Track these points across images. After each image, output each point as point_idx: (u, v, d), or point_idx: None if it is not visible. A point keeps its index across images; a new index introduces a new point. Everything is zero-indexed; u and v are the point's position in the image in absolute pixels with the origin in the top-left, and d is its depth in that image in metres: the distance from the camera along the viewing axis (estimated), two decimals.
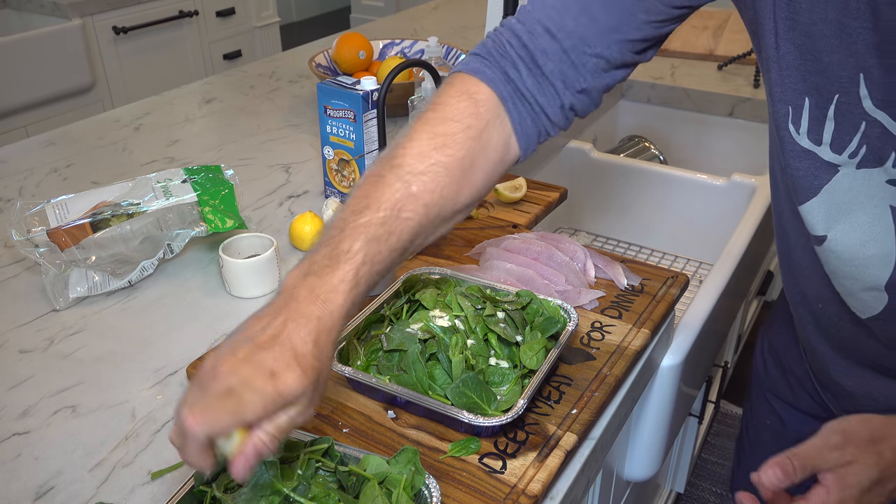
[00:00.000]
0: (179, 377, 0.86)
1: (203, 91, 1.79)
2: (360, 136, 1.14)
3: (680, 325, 1.09)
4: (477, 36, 2.17)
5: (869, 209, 0.70)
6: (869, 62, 0.64)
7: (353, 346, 0.81)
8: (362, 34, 1.71)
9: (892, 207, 0.69)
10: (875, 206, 0.69)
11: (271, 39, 3.40)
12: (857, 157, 0.68)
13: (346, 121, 1.14)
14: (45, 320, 0.97)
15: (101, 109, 2.68)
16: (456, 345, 0.78)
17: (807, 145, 0.71)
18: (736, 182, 1.51)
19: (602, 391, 0.81)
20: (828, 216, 0.73)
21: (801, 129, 0.71)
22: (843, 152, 0.69)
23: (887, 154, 0.66)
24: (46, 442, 0.78)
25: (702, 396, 1.47)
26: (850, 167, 0.69)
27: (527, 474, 0.70)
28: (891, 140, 0.66)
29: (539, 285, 0.95)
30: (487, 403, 0.73)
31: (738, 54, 1.88)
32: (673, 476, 1.65)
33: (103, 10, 2.64)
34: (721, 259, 1.25)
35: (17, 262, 1.09)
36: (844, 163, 0.69)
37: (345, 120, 1.14)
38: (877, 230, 0.70)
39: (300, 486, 0.62)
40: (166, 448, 0.77)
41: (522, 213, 1.18)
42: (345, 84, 1.13)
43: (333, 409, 0.78)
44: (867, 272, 0.73)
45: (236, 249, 1.03)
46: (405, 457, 0.66)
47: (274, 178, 1.35)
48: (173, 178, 1.08)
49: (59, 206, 1.02)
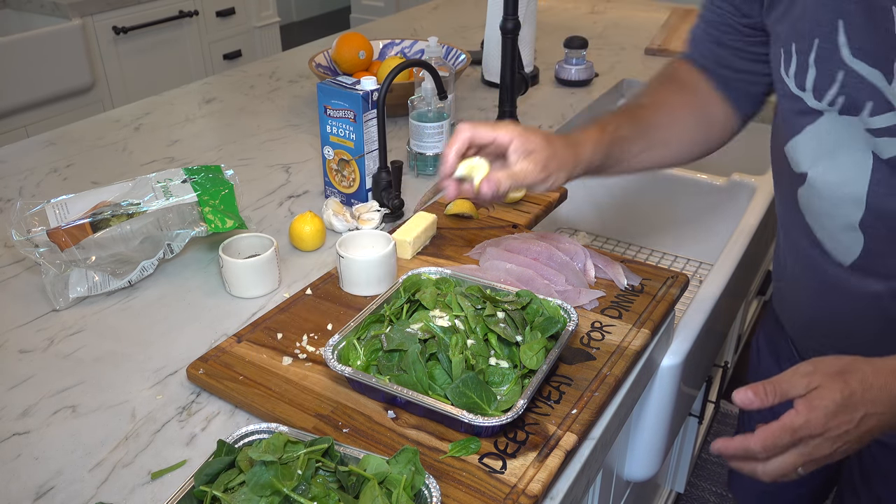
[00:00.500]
0: (179, 377, 0.86)
1: (203, 91, 1.79)
2: (360, 136, 1.14)
3: (680, 325, 1.09)
4: (477, 36, 2.17)
5: (851, 152, 0.74)
6: (847, 7, 0.68)
7: (352, 346, 0.82)
8: (362, 34, 1.71)
9: (873, 154, 0.72)
10: (857, 150, 0.73)
11: (271, 39, 3.40)
12: (836, 105, 0.72)
13: (346, 121, 1.14)
14: (45, 320, 0.97)
15: (101, 109, 2.68)
16: (456, 345, 0.78)
17: (794, 90, 0.76)
18: (736, 182, 1.51)
19: (602, 391, 0.81)
20: (811, 155, 0.77)
21: (790, 72, 0.76)
22: (823, 100, 0.73)
23: (863, 104, 0.70)
24: (46, 442, 0.78)
25: (702, 396, 1.47)
26: (833, 113, 0.73)
27: (527, 474, 0.70)
28: (867, 90, 0.69)
29: (539, 285, 0.95)
30: (487, 403, 0.73)
31: None
32: (673, 476, 1.65)
33: (103, 10, 2.64)
34: (721, 259, 1.25)
35: (17, 262, 1.09)
36: (826, 109, 0.73)
37: (345, 120, 1.14)
38: (854, 172, 0.74)
39: (300, 486, 0.62)
40: (166, 448, 0.77)
41: (522, 213, 1.18)
42: (345, 84, 1.13)
43: (333, 409, 0.78)
44: (842, 211, 0.77)
45: (236, 249, 1.03)
46: (405, 457, 0.66)
47: (274, 178, 1.35)
48: (173, 178, 1.08)
49: (59, 206, 1.02)
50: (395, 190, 1.19)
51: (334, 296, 0.97)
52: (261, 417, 0.79)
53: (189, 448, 0.77)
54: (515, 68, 1.45)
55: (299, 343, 0.88)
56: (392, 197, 1.18)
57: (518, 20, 1.40)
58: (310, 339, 0.89)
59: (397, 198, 1.18)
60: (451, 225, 1.14)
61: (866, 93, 0.70)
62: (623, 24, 2.30)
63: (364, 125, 1.13)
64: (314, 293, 0.98)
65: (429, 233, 1.08)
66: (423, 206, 1.05)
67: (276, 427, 0.70)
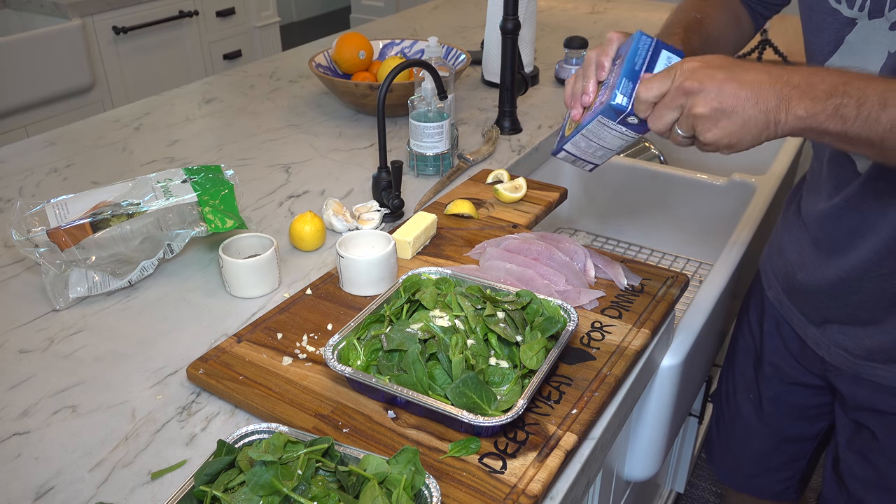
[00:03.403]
0: (179, 377, 0.86)
1: (203, 91, 1.79)
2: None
3: (680, 325, 1.09)
4: (477, 36, 2.17)
5: (878, 58, 0.80)
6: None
7: (352, 346, 0.82)
8: (362, 34, 1.71)
9: (889, 53, 0.79)
10: (880, 53, 0.80)
11: (271, 39, 3.40)
12: (865, 9, 0.80)
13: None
14: (45, 320, 0.97)
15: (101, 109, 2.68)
16: (456, 345, 0.78)
17: (833, 4, 0.83)
18: (736, 182, 1.51)
19: (602, 391, 0.81)
20: (847, 66, 0.82)
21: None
22: (854, 6, 0.81)
23: (885, 1, 0.78)
24: (46, 442, 0.78)
25: (702, 396, 1.47)
26: (864, 19, 0.80)
27: (527, 474, 0.70)
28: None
29: (539, 285, 0.95)
30: (487, 403, 0.73)
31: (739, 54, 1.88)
32: (673, 476, 1.66)
33: (103, 10, 2.64)
34: (721, 259, 1.25)
35: (17, 262, 1.09)
36: (859, 16, 0.81)
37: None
38: (874, 73, 0.80)
39: (300, 486, 0.62)
40: (166, 448, 0.77)
41: (522, 213, 1.18)
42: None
43: (333, 409, 0.78)
44: None
45: (236, 249, 1.03)
46: (405, 457, 0.66)
47: (274, 178, 1.35)
48: (173, 178, 1.08)
49: (59, 206, 1.02)
50: (395, 190, 1.19)
51: (334, 296, 0.97)
52: (261, 417, 0.79)
53: (189, 448, 0.77)
54: (515, 68, 1.46)
55: (299, 343, 0.88)
56: (392, 197, 1.18)
57: (518, 20, 1.40)
58: (310, 339, 0.89)
59: (397, 198, 1.18)
60: (451, 225, 1.14)
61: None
62: (623, 24, 2.30)
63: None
64: (314, 293, 0.98)
65: (429, 233, 1.08)
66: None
67: (276, 427, 0.70)
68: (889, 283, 0.89)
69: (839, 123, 0.68)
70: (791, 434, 1.18)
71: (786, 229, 1.08)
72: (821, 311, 1.01)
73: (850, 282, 0.93)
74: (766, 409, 1.18)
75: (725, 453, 1.29)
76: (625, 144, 0.85)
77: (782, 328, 1.11)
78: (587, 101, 0.85)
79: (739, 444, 1.25)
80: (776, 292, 1.10)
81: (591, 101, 0.85)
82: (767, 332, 1.14)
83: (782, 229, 1.10)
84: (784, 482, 1.24)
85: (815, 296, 1.00)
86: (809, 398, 1.13)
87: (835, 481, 1.08)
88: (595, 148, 0.87)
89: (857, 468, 1.03)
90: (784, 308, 1.09)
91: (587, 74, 0.85)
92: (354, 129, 1.55)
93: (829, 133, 0.69)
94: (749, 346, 1.19)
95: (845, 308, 0.96)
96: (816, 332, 1.03)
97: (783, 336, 1.11)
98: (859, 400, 1.00)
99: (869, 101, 0.67)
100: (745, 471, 1.26)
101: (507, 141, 1.49)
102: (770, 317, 1.13)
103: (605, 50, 0.85)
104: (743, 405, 1.22)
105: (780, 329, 1.12)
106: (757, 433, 1.21)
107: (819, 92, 0.68)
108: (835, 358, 1.00)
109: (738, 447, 1.26)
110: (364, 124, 1.57)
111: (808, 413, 1.15)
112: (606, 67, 0.84)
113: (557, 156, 0.92)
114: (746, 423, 1.22)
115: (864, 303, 0.93)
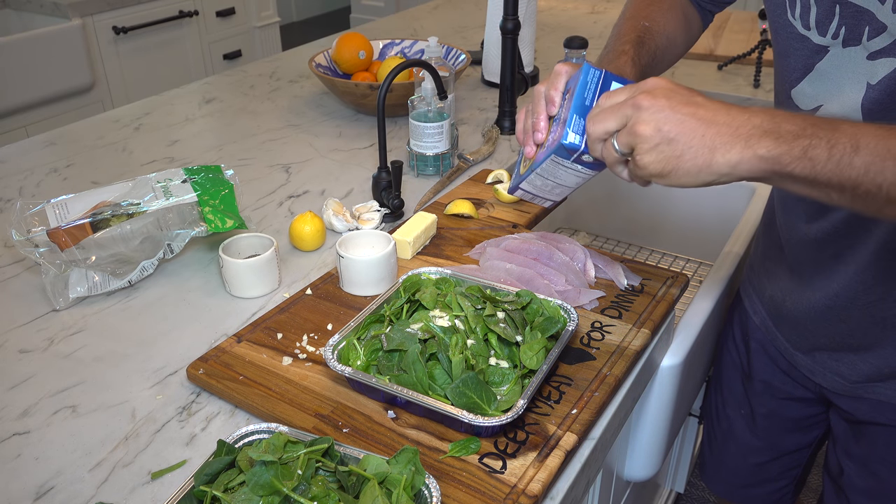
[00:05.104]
0: (179, 377, 0.86)
1: (203, 91, 1.79)
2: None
3: (680, 325, 1.09)
4: (477, 36, 2.17)
5: (855, 89, 0.77)
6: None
7: (352, 346, 0.81)
8: (362, 34, 1.71)
9: (868, 84, 0.76)
10: (857, 84, 0.77)
11: (271, 39, 3.40)
12: (840, 37, 0.76)
13: None
14: (45, 320, 0.97)
15: (101, 109, 2.68)
16: (456, 345, 0.78)
17: (801, 31, 0.80)
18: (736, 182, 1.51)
19: (602, 391, 0.81)
20: (817, 94, 0.81)
21: (796, 14, 0.80)
22: (828, 34, 0.77)
23: (862, 30, 0.74)
24: (46, 442, 0.78)
25: (702, 396, 1.47)
26: (837, 47, 0.77)
27: (527, 474, 0.70)
28: (862, 16, 0.73)
29: (539, 285, 0.95)
30: (487, 403, 0.73)
31: (738, 54, 1.88)
32: (673, 476, 1.65)
33: (103, 10, 2.64)
34: (721, 259, 1.25)
35: (17, 262, 1.09)
36: (831, 44, 0.77)
37: None
38: (854, 105, 0.78)
39: (300, 486, 0.62)
40: (166, 448, 0.77)
41: (522, 213, 1.18)
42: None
43: (333, 409, 0.78)
44: None
45: (236, 249, 1.03)
46: (405, 457, 0.66)
47: (274, 178, 1.35)
48: (173, 178, 1.08)
49: (59, 206, 1.02)
50: (395, 190, 1.19)
51: (334, 296, 0.97)
52: (261, 417, 0.79)
53: (189, 448, 0.77)
54: (515, 68, 1.45)
55: (299, 343, 0.88)
56: (392, 197, 1.18)
57: (518, 20, 1.40)
58: (310, 339, 0.89)
59: (397, 198, 1.18)
60: (451, 225, 1.14)
61: (863, 19, 0.74)
62: None
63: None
64: (314, 293, 0.98)
65: (429, 233, 1.08)
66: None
67: (276, 427, 0.70)
68: (878, 309, 0.87)
69: (808, 166, 0.62)
70: (787, 447, 1.16)
71: (767, 257, 1.06)
72: (808, 339, 0.99)
73: (836, 310, 0.91)
74: (759, 425, 1.16)
75: (719, 468, 1.26)
76: (582, 182, 0.81)
77: (769, 349, 1.09)
78: (539, 139, 0.81)
79: (734, 459, 1.23)
80: (762, 318, 1.08)
81: (542, 138, 0.81)
82: (755, 350, 1.12)
83: (763, 256, 1.07)
84: (780, 490, 1.22)
85: (801, 323, 0.98)
86: (803, 409, 1.10)
87: (834, 491, 1.06)
88: (552, 186, 0.84)
89: (856, 478, 1.01)
90: (771, 334, 1.07)
91: (537, 110, 0.81)
92: (354, 129, 1.55)
93: (794, 177, 0.63)
94: (735, 362, 1.17)
95: (834, 336, 0.94)
96: (806, 358, 1.01)
97: (771, 356, 1.09)
98: (859, 415, 0.98)
99: (840, 144, 0.61)
100: (740, 482, 1.24)
101: (507, 141, 1.49)
102: (755, 339, 1.11)
103: (553, 83, 0.81)
104: (735, 420, 1.19)
105: (766, 350, 1.09)
106: (752, 448, 1.19)
107: (784, 132, 0.62)
108: (830, 383, 0.99)
109: (732, 462, 1.23)
110: (364, 124, 1.57)
111: (803, 423, 1.13)
112: (557, 102, 0.80)
113: (514, 194, 0.89)
114: (740, 439, 1.20)
115: (854, 331, 0.91)
